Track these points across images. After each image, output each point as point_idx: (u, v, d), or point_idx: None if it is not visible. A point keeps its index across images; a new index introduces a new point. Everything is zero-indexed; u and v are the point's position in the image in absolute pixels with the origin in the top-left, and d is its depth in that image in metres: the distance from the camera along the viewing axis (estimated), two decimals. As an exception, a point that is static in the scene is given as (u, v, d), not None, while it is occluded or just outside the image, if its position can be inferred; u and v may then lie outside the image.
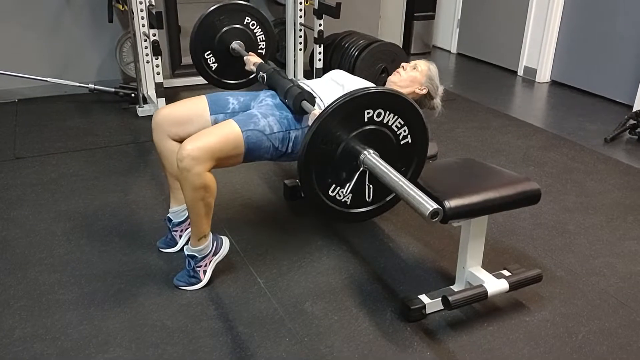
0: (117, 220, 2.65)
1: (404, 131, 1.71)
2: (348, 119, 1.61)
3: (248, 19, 2.67)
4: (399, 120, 1.68)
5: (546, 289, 2.24)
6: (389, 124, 1.68)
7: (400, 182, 1.52)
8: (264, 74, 2.30)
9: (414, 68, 2.37)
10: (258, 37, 2.72)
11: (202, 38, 2.62)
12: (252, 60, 2.53)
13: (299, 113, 2.07)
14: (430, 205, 1.42)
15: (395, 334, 1.99)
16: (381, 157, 1.64)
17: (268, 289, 2.20)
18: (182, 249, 2.37)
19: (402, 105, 1.68)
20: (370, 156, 1.63)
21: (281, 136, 2.06)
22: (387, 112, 1.66)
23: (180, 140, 2.03)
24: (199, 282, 2.18)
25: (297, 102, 2.03)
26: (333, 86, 2.24)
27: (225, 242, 2.23)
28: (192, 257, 2.14)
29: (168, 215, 2.39)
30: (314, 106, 2.03)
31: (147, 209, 2.75)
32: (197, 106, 2.23)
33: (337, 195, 1.73)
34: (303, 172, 1.63)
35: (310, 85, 2.25)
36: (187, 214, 2.35)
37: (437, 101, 2.43)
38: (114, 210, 2.73)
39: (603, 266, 2.41)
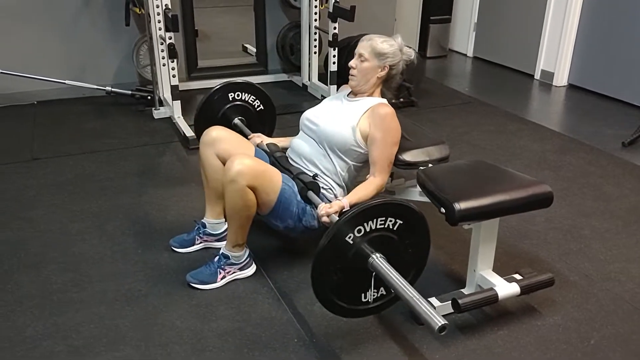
0: (130, 220, 2.68)
1: (399, 224, 1.82)
2: (345, 236, 1.75)
3: (235, 94, 2.72)
4: (399, 220, 1.80)
5: (559, 294, 2.20)
6: (392, 228, 1.80)
7: (410, 293, 1.64)
8: (273, 160, 2.37)
9: (360, 58, 2.21)
10: (255, 106, 2.77)
11: (206, 117, 2.68)
12: (256, 141, 2.50)
13: (306, 202, 2.16)
14: (438, 320, 1.52)
15: (404, 336, 1.98)
16: (389, 258, 1.79)
17: (277, 290, 2.20)
18: (193, 252, 2.42)
19: (403, 210, 1.80)
20: (377, 261, 1.76)
21: (303, 206, 2.16)
22: (382, 218, 1.77)
23: (223, 162, 2.17)
24: (213, 283, 2.19)
25: (302, 193, 2.15)
26: (337, 121, 2.26)
27: (253, 268, 2.29)
28: (226, 256, 2.19)
29: (203, 220, 2.43)
30: (319, 194, 2.15)
31: (160, 210, 2.78)
32: (245, 148, 2.35)
33: (353, 299, 1.85)
34: (316, 277, 1.77)
35: (314, 120, 2.30)
36: (221, 230, 2.41)
37: (405, 56, 2.28)
38: (128, 211, 2.76)
39: (618, 271, 2.37)
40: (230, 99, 2.70)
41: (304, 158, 2.28)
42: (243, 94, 2.72)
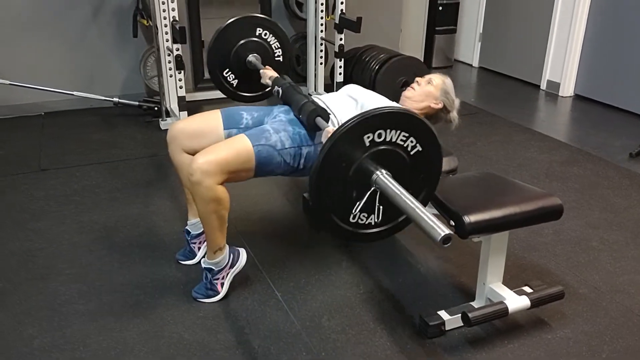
0: (138, 232, 2.68)
1: (412, 142, 1.69)
2: (355, 143, 1.61)
3: (262, 31, 2.69)
4: (405, 134, 1.67)
5: (569, 307, 2.19)
6: (397, 141, 1.67)
7: (412, 205, 1.50)
8: (279, 89, 2.31)
9: (429, 82, 2.36)
10: (273, 48, 2.74)
11: (218, 52, 2.65)
12: (268, 74, 2.54)
13: (313, 129, 2.08)
14: (441, 230, 1.40)
15: (413, 350, 1.96)
16: (395, 175, 1.63)
17: (285, 303, 2.19)
18: (200, 261, 2.38)
19: (407, 120, 1.67)
20: (382, 177, 1.63)
21: (293, 152, 2.07)
22: (394, 131, 1.65)
23: (194, 154, 2.05)
24: (216, 295, 2.18)
25: (310, 118, 2.03)
26: (348, 102, 2.25)
27: (243, 254, 2.23)
28: (209, 270, 2.15)
29: (186, 227, 2.41)
30: (327, 122, 2.03)
31: (167, 220, 2.78)
32: (211, 120, 2.26)
33: (351, 216, 1.72)
34: (314, 190, 1.63)
35: (324, 100, 2.25)
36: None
37: (454, 114, 2.41)
38: (135, 222, 2.76)
39: (628, 284, 2.35)
40: (247, 35, 2.68)
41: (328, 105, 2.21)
42: (261, 29, 2.69)
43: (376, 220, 1.75)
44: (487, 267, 2.03)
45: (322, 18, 4.44)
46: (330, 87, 4.62)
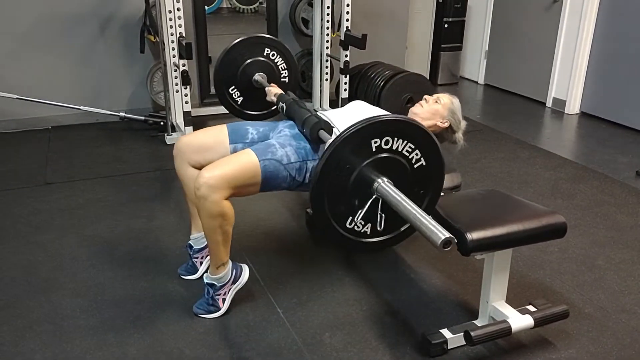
0: (141, 246, 2.68)
1: (417, 155, 1.70)
2: (361, 146, 1.61)
3: (269, 51, 2.72)
4: (411, 145, 1.68)
5: (574, 326, 2.16)
6: (403, 151, 1.67)
7: (413, 210, 1.50)
8: (284, 104, 2.33)
9: (436, 101, 2.37)
10: (280, 69, 2.77)
11: (226, 71, 2.68)
12: (273, 91, 2.56)
13: (316, 142, 2.09)
14: (442, 234, 1.39)
15: (415, 368, 1.94)
16: (396, 185, 1.63)
17: (287, 319, 2.18)
18: (202, 276, 2.37)
19: (415, 132, 1.68)
20: (383, 184, 1.62)
21: (298, 166, 2.07)
22: (401, 140, 1.65)
23: (200, 168, 2.06)
24: (217, 311, 2.17)
25: (314, 131, 2.04)
26: (352, 116, 2.25)
27: (245, 271, 2.22)
28: (211, 285, 2.14)
29: (189, 242, 2.41)
30: (331, 136, 2.04)
31: (170, 235, 2.78)
32: (217, 135, 2.27)
33: (351, 224, 1.71)
34: (315, 199, 1.63)
35: (328, 115, 2.26)
36: (205, 242, 2.36)
37: (459, 135, 2.41)
38: (138, 236, 2.76)
39: (634, 303, 2.32)
40: (254, 54, 2.71)
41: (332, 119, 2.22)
42: (268, 49, 2.73)
43: (378, 228, 1.74)
44: (490, 285, 2.01)
45: (327, 35, 4.47)
46: (335, 103, 4.63)
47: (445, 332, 2.00)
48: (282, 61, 2.77)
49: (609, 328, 2.17)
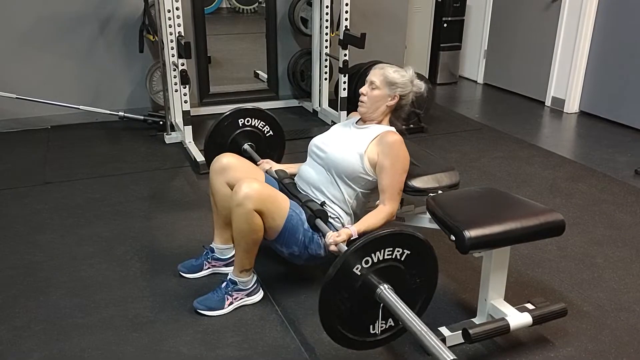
0: (139, 245, 2.68)
1: (400, 252, 1.80)
2: (349, 277, 1.73)
3: (251, 120, 2.75)
4: (398, 249, 1.78)
5: (572, 324, 2.16)
6: (399, 258, 1.78)
7: (418, 328, 1.62)
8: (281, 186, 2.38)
9: (372, 87, 2.23)
10: (265, 133, 2.80)
11: (216, 142, 2.72)
12: (265, 167, 2.52)
13: (315, 230, 2.16)
14: (447, 355, 1.50)
15: (413, 367, 1.94)
16: (395, 287, 1.77)
17: (286, 318, 2.18)
18: (202, 276, 2.41)
19: (402, 238, 1.78)
20: (385, 291, 1.74)
21: (310, 234, 2.16)
22: (387, 249, 1.76)
23: (232, 187, 2.17)
24: (220, 310, 2.17)
25: (310, 222, 2.15)
26: (342, 147, 2.27)
27: (260, 294, 2.28)
28: (233, 282, 2.18)
29: (212, 245, 2.42)
30: (327, 224, 2.14)
31: (168, 234, 2.78)
32: (257, 171, 2.39)
33: (362, 329, 1.83)
34: (324, 317, 1.77)
35: (322, 147, 2.30)
36: (230, 255, 2.40)
37: (416, 83, 2.27)
38: (136, 236, 2.76)
39: (632, 301, 2.32)
40: (240, 125, 2.73)
41: (312, 185, 2.28)
42: (253, 119, 2.74)
43: (383, 327, 1.86)
44: (489, 283, 2.01)
45: (326, 34, 4.47)
46: (334, 102, 4.63)
47: (444, 330, 2.00)
48: (265, 125, 2.79)
49: (607, 326, 2.17)
